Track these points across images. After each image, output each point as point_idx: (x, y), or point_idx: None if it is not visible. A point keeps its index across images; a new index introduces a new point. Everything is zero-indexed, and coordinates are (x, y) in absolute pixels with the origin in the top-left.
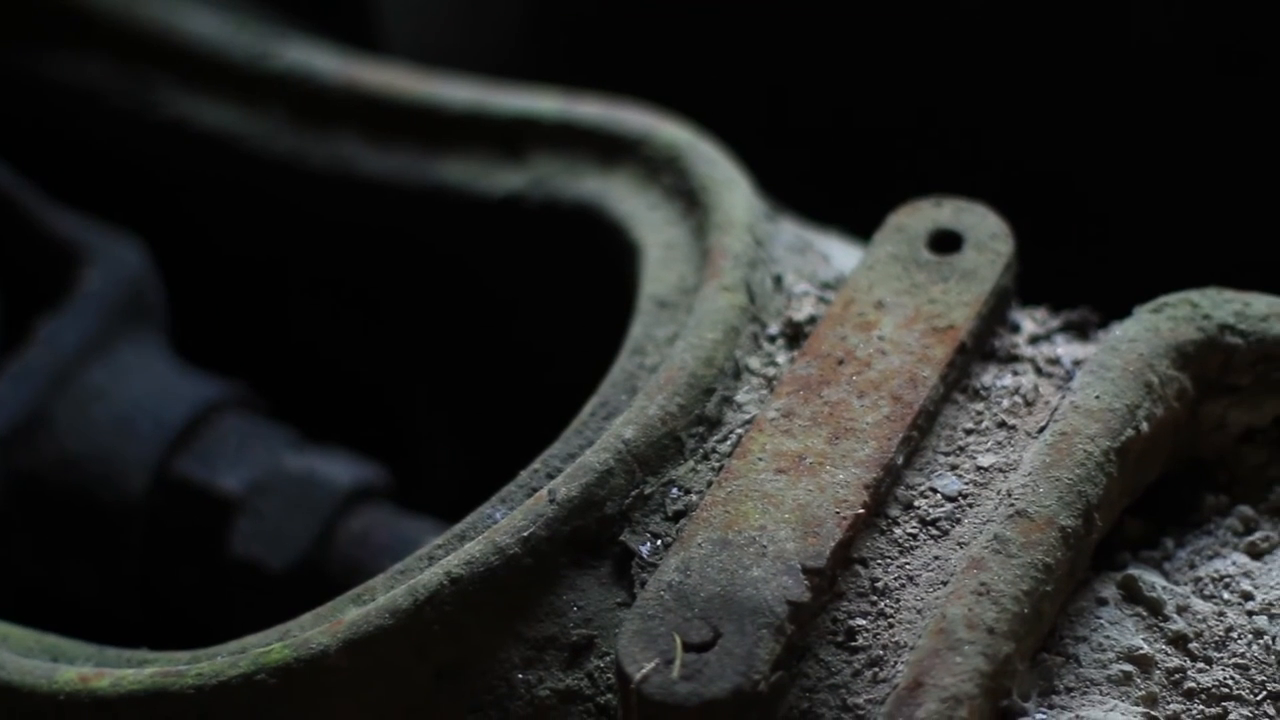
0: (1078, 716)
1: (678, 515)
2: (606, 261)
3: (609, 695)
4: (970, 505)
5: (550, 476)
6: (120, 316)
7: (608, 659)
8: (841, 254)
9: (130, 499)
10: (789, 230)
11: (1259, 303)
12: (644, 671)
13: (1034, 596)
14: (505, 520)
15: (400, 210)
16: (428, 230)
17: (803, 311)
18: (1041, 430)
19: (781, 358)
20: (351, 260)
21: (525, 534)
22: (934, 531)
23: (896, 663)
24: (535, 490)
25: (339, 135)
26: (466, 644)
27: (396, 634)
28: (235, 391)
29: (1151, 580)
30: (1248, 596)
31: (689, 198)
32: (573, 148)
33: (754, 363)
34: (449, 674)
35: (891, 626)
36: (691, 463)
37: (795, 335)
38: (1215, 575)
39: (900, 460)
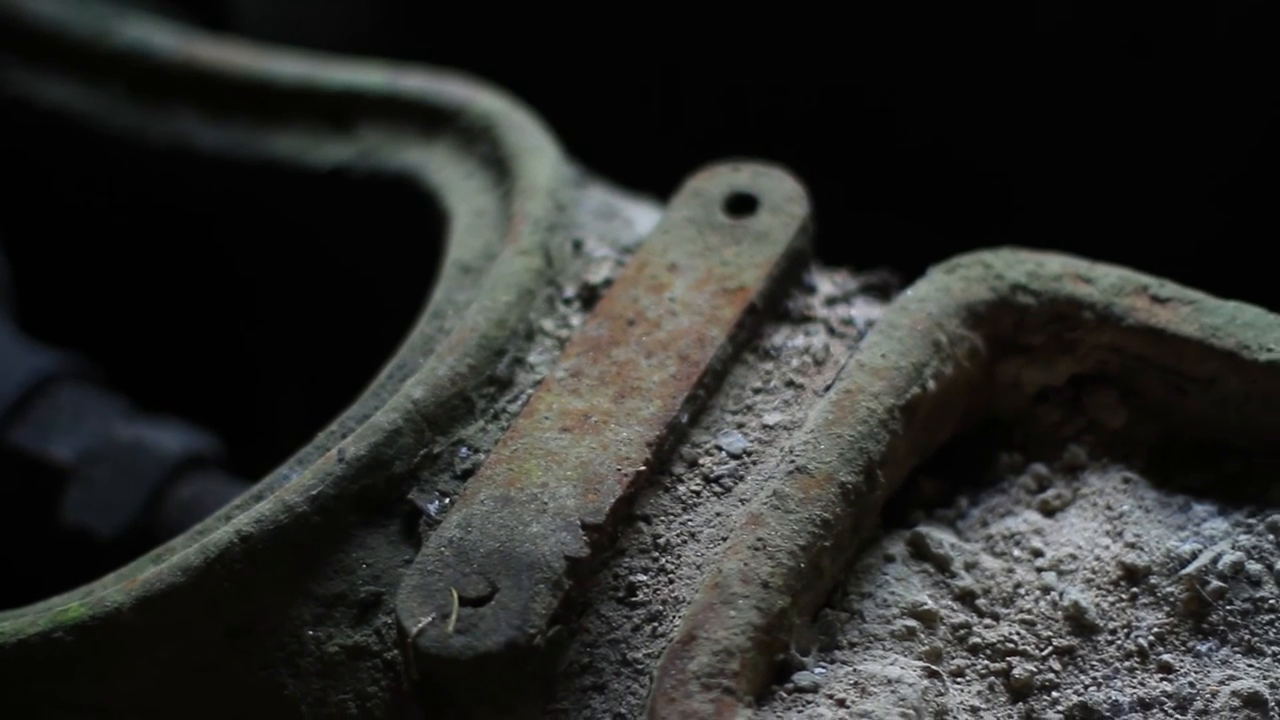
0: (856, 670)
1: (466, 474)
2: (426, 229)
3: (395, 651)
4: (754, 463)
5: (345, 437)
6: None
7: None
8: (647, 219)
9: None
10: (597, 196)
11: (1052, 263)
12: (420, 626)
13: (812, 552)
14: (296, 480)
15: (237, 183)
16: (269, 202)
17: (599, 275)
18: (828, 389)
19: (576, 320)
20: (200, 231)
21: (314, 493)
22: (717, 489)
23: (675, 617)
24: (329, 451)
25: (177, 110)
26: (257, 601)
27: (188, 591)
28: (72, 363)
29: (940, 537)
30: (1038, 554)
31: (500, 166)
32: (397, 119)
33: (548, 324)
34: (240, 631)
35: (672, 582)
36: (481, 422)
37: (591, 298)
38: (1006, 533)
39: (685, 419)
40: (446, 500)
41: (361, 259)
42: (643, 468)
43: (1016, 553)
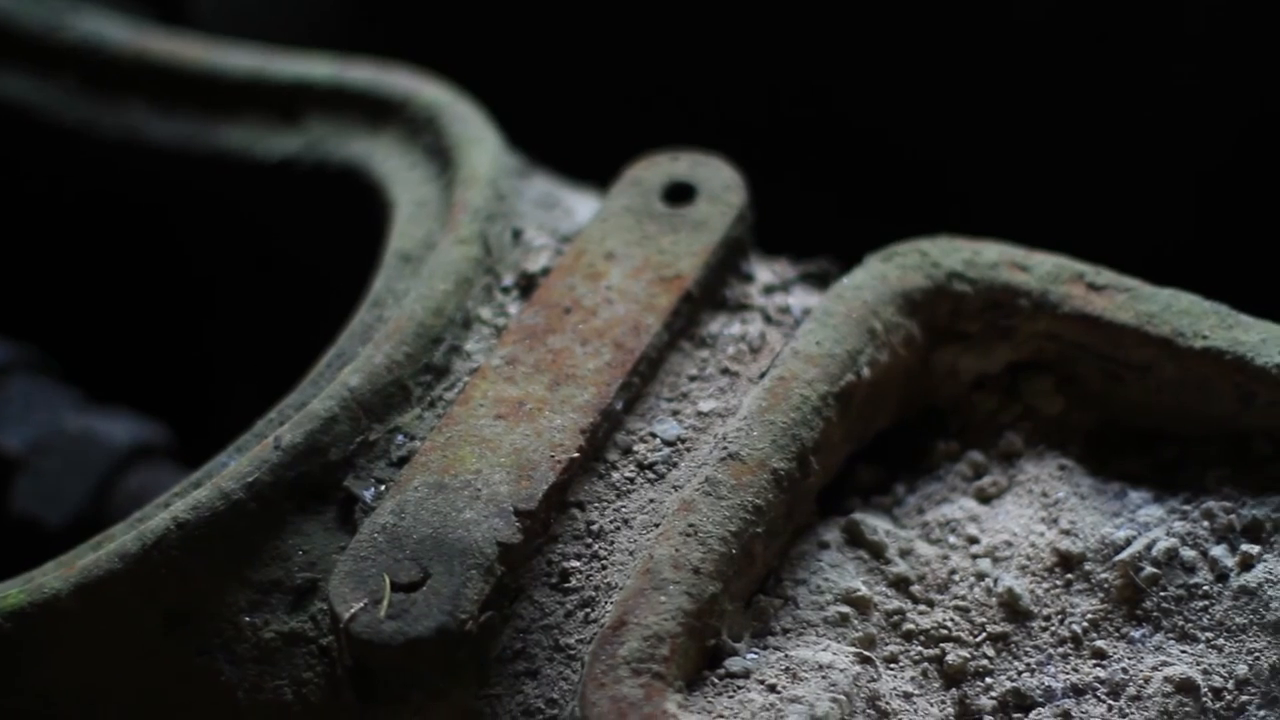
0: (788, 656)
1: (402, 461)
2: (372, 219)
3: (331, 637)
4: (689, 449)
5: (283, 424)
6: None
7: None
8: (589, 208)
9: None
10: (539, 186)
11: (989, 251)
12: (352, 611)
13: (743, 538)
14: (232, 467)
15: (188, 175)
16: (221, 194)
17: (538, 263)
18: (762, 376)
19: (514, 308)
20: (153, 223)
21: (250, 480)
22: (651, 475)
23: (608, 603)
24: (267, 438)
25: (129, 103)
26: (194, 588)
27: (125, 578)
28: (24, 355)
29: (875, 524)
30: (973, 540)
31: (443, 156)
32: (344, 111)
33: (485, 313)
34: (178, 618)
35: (605, 568)
36: (418, 410)
37: (529, 286)
38: (942, 520)
39: (620, 406)
40: (382, 487)
41: (312, 250)
42: (576, 454)
43: (952, 539)
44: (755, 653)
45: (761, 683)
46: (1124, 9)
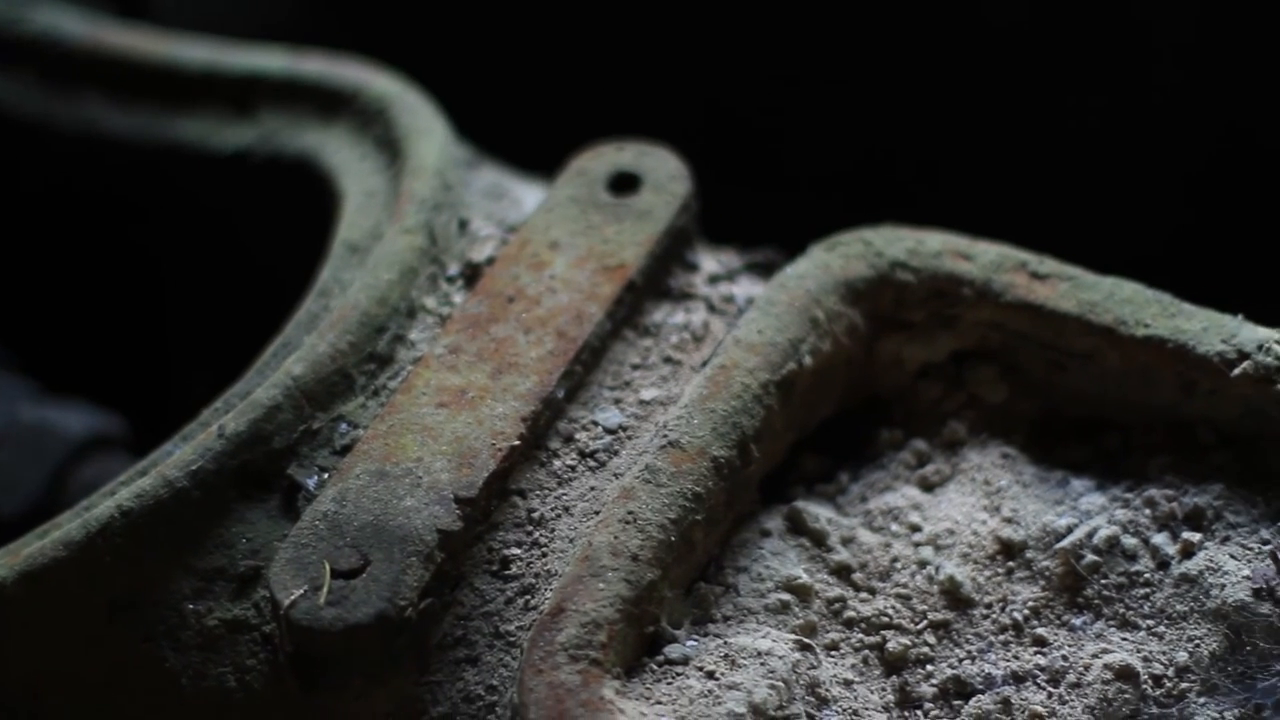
0: (727, 643)
1: (346, 449)
2: (324, 211)
3: (273, 624)
4: (630, 437)
5: (228, 413)
6: None
7: None
8: (536, 199)
9: None
10: (488, 176)
11: (933, 240)
12: (292, 598)
13: (683, 525)
14: (177, 455)
15: (145, 168)
16: (177, 186)
17: (484, 253)
18: (704, 365)
19: (459, 297)
20: (111, 216)
21: (194, 468)
22: (592, 463)
23: (548, 590)
24: (212, 426)
25: (86, 96)
26: (138, 575)
27: (69, 565)
28: None
29: (817, 512)
30: (915, 529)
31: (392, 147)
32: (297, 102)
33: (430, 302)
34: (122, 605)
35: (545, 556)
36: (361, 399)
37: (474, 276)
38: (885, 508)
39: (562, 394)
40: (326, 475)
41: (268, 241)
42: (517, 442)
43: (894, 528)
44: (695, 640)
45: (700, 669)
46: (1103, 15)
